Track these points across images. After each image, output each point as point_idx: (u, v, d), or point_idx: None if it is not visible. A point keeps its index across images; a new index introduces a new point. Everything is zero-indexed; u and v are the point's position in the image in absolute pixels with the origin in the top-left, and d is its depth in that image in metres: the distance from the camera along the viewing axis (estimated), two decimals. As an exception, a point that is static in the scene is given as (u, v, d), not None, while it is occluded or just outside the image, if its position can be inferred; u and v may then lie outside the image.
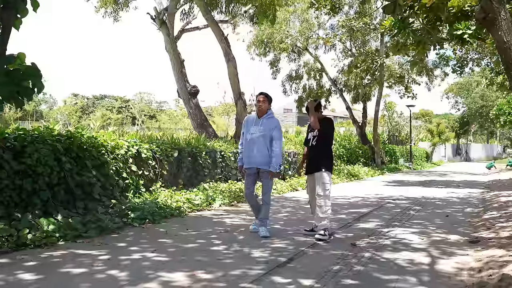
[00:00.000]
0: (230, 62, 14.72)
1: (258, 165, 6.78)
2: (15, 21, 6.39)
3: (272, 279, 4.54)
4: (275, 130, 6.77)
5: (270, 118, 6.88)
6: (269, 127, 6.77)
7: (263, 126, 6.77)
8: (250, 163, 6.86)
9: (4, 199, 6.36)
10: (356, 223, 8.22)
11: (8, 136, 6.87)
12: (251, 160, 6.82)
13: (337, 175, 19.17)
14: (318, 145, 6.85)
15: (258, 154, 6.73)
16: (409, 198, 12.51)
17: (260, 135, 6.74)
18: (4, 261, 5.03)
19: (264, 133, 6.73)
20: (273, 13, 15.89)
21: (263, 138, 6.72)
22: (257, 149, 6.75)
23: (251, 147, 6.81)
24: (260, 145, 6.73)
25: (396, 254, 5.71)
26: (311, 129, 7.02)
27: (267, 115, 6.87)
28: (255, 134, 6.78)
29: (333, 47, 27.58)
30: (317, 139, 6.85)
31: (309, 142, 6.97)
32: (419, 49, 10.56)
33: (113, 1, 18.32)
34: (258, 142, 6.74)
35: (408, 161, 34.59)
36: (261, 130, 6.75)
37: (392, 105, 44.23)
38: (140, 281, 4.38)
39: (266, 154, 6.72)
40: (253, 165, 6.82)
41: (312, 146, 6.90)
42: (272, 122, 6.84)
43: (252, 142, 6.80)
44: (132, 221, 7.41)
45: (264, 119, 6.83)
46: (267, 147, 6.73)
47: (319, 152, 6.83)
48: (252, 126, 6.86)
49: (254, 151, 6.76)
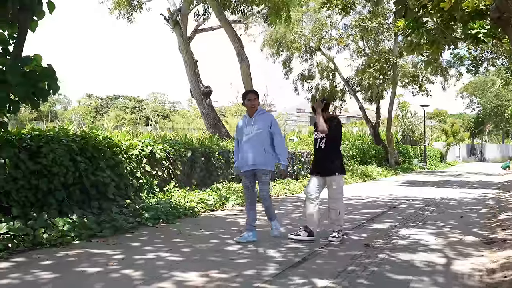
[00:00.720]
0: (243, 62, 14.74)
1: (255, 165, 6.35)
2: (31, 23, 6.47)
3: (286, 279, 4.54)
4: (272, 126, 6.39)
5: (263, 114, 6.50)
6: (265, 123, 6.36)
7: (257, 124, 6.36)
8: (246, 165, 6.42)
9: (20, 199, 6.44)
10: (370, 223, 8.19)
11: (24, 137, 6.95)
12: (248, 162, 6.38)
13: (351, 175, 19.10)
14: (327, 147, 6.48)
15: (254, 154, 6.32)
16: (423, 199, 12.42)
17: (256, 133, 6.34)
18: (20, 260, 5.09)
19: (260, 130, 6.33)
20: (286, 13, 15.89)
21: (259, 137, 6.32)
22: (253, 149, 6.33)
23: (246, 148, 6.39)
24: (257, 144, 6.32)
25: (411, 255, 5.67)
26: (316, 128, 6.66)
27: (259, 111, 6.49)
28: (250, 134, 6.38)
29: (347, 46, 27.53)
30: (325, 141, 6.48)
31: (316, 142, 6.61)
32: (433, 48, 10.48)
33: (127, 3, 18.47)
34: (254, 141, 6.34)
35: (422, 161, 34.36)
36: (257, 128, 6.35)
37: (406, 105, 43.97)
38: (154, 280, 4.40)
39: (263, 153, 6.31)
40: (250, 167, 6.38)
41: (320, 149, 6.54)
42: (266, 118, 6.46)
43: (247, 143, 6.39)
44: (146, 221, 7.45)
45: (257, 117, 6.43)
46: (263, 145, 6.32)
47: (329, 155, 6.46)
48: (245, 128, 6.47)
49: (250, 152, 6.34)
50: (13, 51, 6.31)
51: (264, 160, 6.33)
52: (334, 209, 6.41)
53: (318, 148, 6.56)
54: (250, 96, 6.51)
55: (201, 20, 17.98)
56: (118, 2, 18.39)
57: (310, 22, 26.88)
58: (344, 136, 30.50)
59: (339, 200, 6.44)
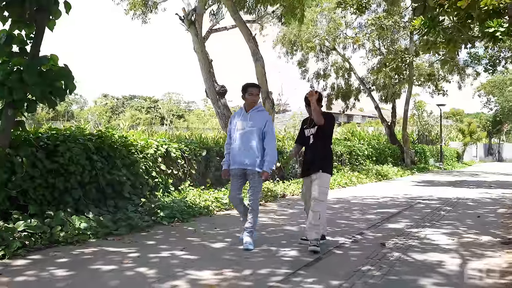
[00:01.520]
0: (258, 61, 14.72)
1: (245, 165, 5.86)
2: (49, 23, 6.55)
3: (300, 279, 4.53)
4: (267, 125, 5.91)
5: (260, 112, 6.00)
6: (260, 121, 5.89)
7: (252, 121, 5.88)
8: (235, 162, 5.94)
9: (37, 197, 6.51)
10: (385, 223, 8.14)
11: (41, 136, 7.03)
12: (237, 160, 5.91)
13: (366, 175, 19.02)
14: (317, 144, 5.97)
15: (245, 152, 5.84)
16: (440, 199, 12.31)
17: (249, 130, 5.86)
18: (37, 258, 5.15)
19: (253, 128, 5.86)
20: (301, 13, 15.85)
21: (251, 134, 5.85)
22: (244, 147, 5.85)
23: (237, 145, 5.92)
24: (248, 142, 5.84)
25: (426, 255, 5.63)
26: (307, 125, 6.16)
27: (257, 108, 6.00)
28: (242, 130, 5.90)
29: (362, 45, 27.39)
30: (317, 138, 5.98)
31: (307, 140, 6.09)
32: (450, 47, 10.39)
33: (142, 4, 18.58)
34: (246, 138, 5.86)
35: (439, 161, 34.06)
36: (250, 125, 5.87)
37: (422, 104, 43.64)
38: (169, 278, 4.43)
39: (254, 153, 5.82)
40: (239, 165, 5.91)
41: (311, 145, 6.03)
42: (262, 116, 5.95)
43: (239, 139, 5.91)
44: (161, 219, 7.49)
45: (253, 113, 5.95)
46: (255, 144, 5.84)
47: (319, 152, 5.94)
48: (239, 122, 5.97)
49: (241, 149, 5.86)
50: (30, 51, 6.41)
51: (256, 160, 5.84)
52: (316, 211, 5.70)
53: (309, 145, 6.06)
54: (252, 90, 6.01)
55: (216, 19, 18.00)
56: (133, 2, 18.50)
57: (325, 21, 26.81)
58: (359, 136, 30.39)
59: (322, 203, 5.79)
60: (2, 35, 6.23)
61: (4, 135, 6.25)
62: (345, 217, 8.73)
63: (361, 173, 18.95)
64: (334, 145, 20.48)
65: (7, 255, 5.06)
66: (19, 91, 6.09)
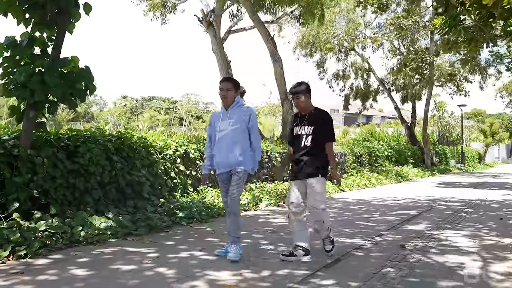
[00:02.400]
0: (276, 62, 14.73)
1: (230, 166, 5.35)
2: (69, 26, 6.62)
3: (318, 280, 4.51)
4: (251, 121, 5.40)
5: (241, 107, 5.46)
6: (242, 118, 5.36)
7: (233, 118, 5.36)
8: (221, 167, 5.42)
9: (58, 197, 6.59)
10: (405, 225, 8.05)
11: (62, 137, 7.11)
12: (222, 164, 5.39)
13: (385, 176, 18.87)
14: (313, 145, 5.35)
15: (230, 153, 5.32)
16: (461, 200, 12.15)
17: (231, 129, 5.34)
18: (58, 257, 5.21)
19: (236, 126, 5.33)
20: (320, 13, 15.81)
21: (235, 133, 5.33)
22: (228, 148, 5.33)
23: (221, 147, 5.39)
24: (232, 142, 5.33)
25: (446, 257, 5.55)
26: (298, 122, 5.52)
27: (236, 104, 5.46)
28: (224, 131, 5.38)
29: (381, 45, 27.19)
30: (312, 139, 5.36)
31: (299, 140, 5.44)
32: (471, 47, 10.27)
33: (161, 5, 18.72)
34: (229, 138, 5.34)
35: (460, 162, 33.64)
36: (232, 123, 5.35)
37: (443, 105, 43.17)
38: (188, 279, 4.44)
39: (240, 152, 5.33)
40: (226, 168, 5.38)
41: (304, 147, 5.38)
42: (244, 112, 5.41)
43: (222, 141, 5.38)
44: (180, 220, 7.52)
45: (233, 110, 5.42)
46: (241, 143, 5.34)
47: (315, 155, 5.35)
48: (220, 122, 5.46)
49: (225, 151, 5.34)
50: (51, 53, 6.49)
51: (242, 160, 5.34)
52: (318, 220, 5.35)
53: (302, 147, 5.39)
54: (222, 85, 5.49)
55: (234, 20, 18.06)
56: (152, 4, 18.66)
57: (344, 21, 26.69)
58: (379, 137, 30.18)
59: (324, 210, 5.34)
60: (24, 37, 6.33)
61: (25, 136, 6.34)
62: (364, 218, 8.66)
63: (380, 174, 18.81)
64: (354, 146, 20.37)
65: (29, 254, 5.12)
66: (41, 93, 6.17)
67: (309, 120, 5.43)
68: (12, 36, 6.29)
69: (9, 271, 4.59)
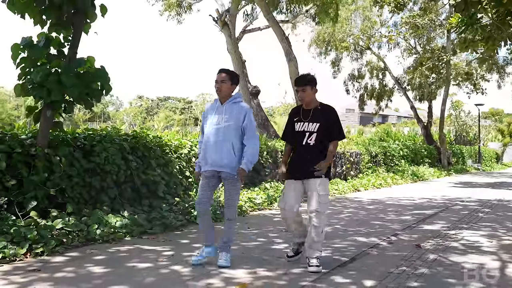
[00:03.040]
0: (291, 61, 14.71)
1: (220, 167, 4.89)
2: (85, 26, 6.68)
3: (333, 278, 4.49)
4: (246, 119, 4.95)
5: (237, 103, 5.03)
6: (237, 115, 4.93)
7: (228, 114, 4.93)
8: (208, 163, 4.96)
9: (75, 196, 6.65)
10: (421, 224, 7.99)
11: (78, 136, 7.18)
12: (210, 160, 4.93)
13: (401, 175, 18.74)
14: (317, 145, 4.91)
15: (220, 151, 4.87)
16: (478, 200, 12.02)
17: (225, 126, 4.89)
18: (75, 255, 5.26)
19: (229, 123, 4.89)
20: (335, 12, 15.76)
21: (228, 130, 4.88)
22: (219, 145, 4.88)
23: (211, 142, 4.94)
24: (224, 140, 4.87)
25: (463, 257, 5.50)
26: (301, 117, 5.05)
27: (233, 99, 5.04)
28: (217, 126, 4.93)
29: (397, 45, 27.01)
30: (317, 137, 4.91)
31: (301, 137, 4.98)
32: (489, 45, 10.17)
33: (177, 5, 18.81)
34: (222, 135, 4.88)
35: (477, 162, 33.28)
36: (226, 119, 4.91)
37: (459, 104, 42.74)
38: (203, 277, 4.45)
39: (231, 153, 4.87)
40: (213, 167, 4.92)
41: (307, 145, 4.93)
42: (240, 108, 4.99)
43: (213, 136, 4.93)
44: (195, 219, 7.53)
45: (229, 105, 4.99)
46: (233, 142, 4.89)
47: (318, 154, 4.89)
48: (213, 116, 5.01)
49: (216, 148, 4.89)
50: (68, 53, 6.56)
51: (233, 162, 4.89)
52: (317, 226, 4.76)
53: (304, 145, 4.94)
54: (217, 76, 5.05)
55: (249, 20, 18.08)
56: (168, 3, 18.77)
57: (360, 20, 26.56)
58: (394, 136, 29.97)
59: (324, 214, 4.84)
60: (41, 38, 6.40)
61: (42, 135, 6.41)
62: (380, 218, 8.61)
63: (396, 174, 18.68)
64: (369, 145, 20.26)
65: (45, 252, 5.18)
66: (57, 93, 6.23)
67: (314, 116, 4.97)
68: (29, 37, 6.36)
69: (26, 268, 4.65)
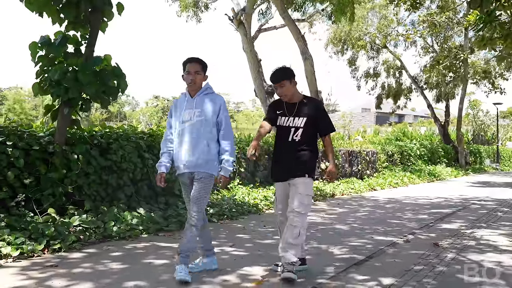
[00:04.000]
0: (307, 60, 14.64)
1: (195, 167, 4.32)
2: (102, 24, 6.72)
3: (350, 276, 4.46)
4: (221, 112, 4.42)
5: (210, 95, 4.48)
6: (210, 108, 4.39)
7: (200, 108, 4.38)
8: (182, 166, 4.38)
9: (92, 193, 6.70)
10: (439, 223, 7.90)
11: (96, 134, 7.22)
12: (184, 162, 4.35)
13: (418, 175, 18.57)
14: (302, 141, 4.48)
15: (194, 151, 4.31)
16: (496, 200, 11.87)
17: (197, 121, 4.35)
18: (92, 251, 5.29)
19: (201, 117, 4.35)
20: (351, 10, 15.66)
21: (202, 126, 4.34)
22: (193, 144, 4.32)
23: (183, 142, 4.37)
24: (197, 136, 4.33)
25: (481, 256, 5.42)
26: (285, 112, 4.58)
27: (203, 90, 4.47)
28: (188, 122, 4.38)
29: (414, 43, 26.76)
30: (303, 132, 4.48)
31: (285, 133, 4.54)
32: (507, 43, 10.03)
33: (193, 5, 18.88)
34: (195, 132, 4.34)
35: (495, 162, 32.87)
36: (198, 114, 4.37)
37: (477, 103, 42.27)
38: (219, 273, 4.45)
39: (205, 150, 4.32)
40: (188, 169, 4.36)
41: (292, 142, 4.49)
42: (215, 101, 4.44)
43: (185, 134, 4.38)
44: (211, 217, 7.55)
45: (200, 98, 4.44)
46: (207, 139, 4.34)
47: (304, 151, 4.48)
48: (184, 111, 4.43)
49: (189, 147, 4.33)
50: (85, 52, 6.61)
51: (209, 161, 4.35)
52: (295, 226, 4.30)
53: (290, 141, 4.51)
54: (189, 67, 4.45)
55: (265, 19, 18.06)
56: (185, 4, 18.83)
57: (376, 18, 26.39)
58: (411, 136, 29.72)
59: (304, 215, 4.39)
60: (58, 36, 6.46)
61: (60, 133, 6.46)
62: (397, 216, 8.54)
63: (413, 174, 18.52)
64: (385, 144, 20.12)
65: (63, 248, 5.23)
66: (75, 90, 6.28)
67: (300, 110, 4.54)
68: (46, 35, 6.43)
69: (44, 263, 4.70)
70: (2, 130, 6.03)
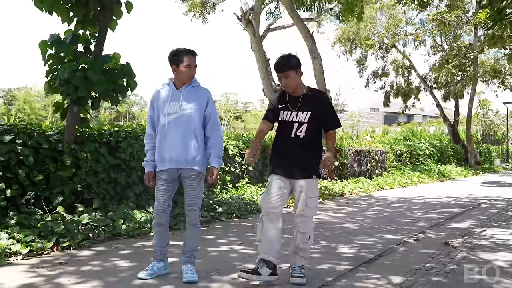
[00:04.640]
0: (315, 59, 14.59)
1: (183, 163, 4.13)
2: (111, 23, 6.73)
3: (360, 275, 4.43)
4: (209, 106, 4.26)
5: (196, 88, 4.29)
6: (198, 101, 4.20)
7: (186, 101, 4.17)
8: (166, 161, 4.16)
9: (101, 191, 6.72)
10: (449, 222, 7.84)
11: (104, 133, 7.24)
12: (169, 157, 4.14)
13: (427, 174, 18.46)
14: (308, 137, 4.19)
15: (181, 146, 4.11)
16: (507, 199, 11.76)
17: (184, 115, 4.14)
18: (101, 249, 5.31)
19: (190, 111, 4.15)
20: (360, 10, 15.61)
21: (189, 120, 4.14)
22: (180, 138, 4.11)
23: (168, 136, 4.14)
24: (184, 130, 4.12)
25: (492, 255, 5.37)
26: (288, 105, 4.24)
27: (191, 84, 4.29)
28: (174, 115, 4.14)
29: (423, 42, 26.62)
30: (307, 128, 4.17)
31: (289, 128, 4.21)
32: (518, 41, 9.93)
33: (201, 5, 18.88)
34: (181, 126, 4.12)
35: (505, 161, 32.62)
36: (184, 108, 4.15)
37: (487, 103, 41.97)
38: (228, 271, 4.44)
39: (192, 146, 4.13)
40: (174, 164, 4.14)
41: (296, 138, 4.18)
42: (201, 94, 4.28)
43: (170, 127, 4.14)
44: (220, 215, 7.55)
45: (187, 90, 4.23)
46: (195, 133, 4.15)
47: (309, 149, 4.21)
48: (168, 103, 4.19)
49: (175, 142, 4.11)
50: (94, 50, 6.62)
51: (198, 156, 4.18)
52: (303, 232, 4.21)
53: (293, 137, 4.19)
54: (191, 60, 4.24)
55: (273, 18, 18.02)
56: (192, 4, 18.84)
57: (385, 18, 26.28)
58: (420, 135, 29.55)
59: (312, 218, 4.33)
60: (67, 35, 6.47)
61: (69, 131, 6.48)
62: (406, 216, 8.49)
63: (422, 173, 18.41)
64: (394, 144, 20.02)
65: (72, 246, 5.25)
66: (84, 89, 6.29)
67: (304, 103, 4.21)
68: (56, 34, 6.44)
69: (53, 261, 4.71)
70: (12, 129, 6.05)
